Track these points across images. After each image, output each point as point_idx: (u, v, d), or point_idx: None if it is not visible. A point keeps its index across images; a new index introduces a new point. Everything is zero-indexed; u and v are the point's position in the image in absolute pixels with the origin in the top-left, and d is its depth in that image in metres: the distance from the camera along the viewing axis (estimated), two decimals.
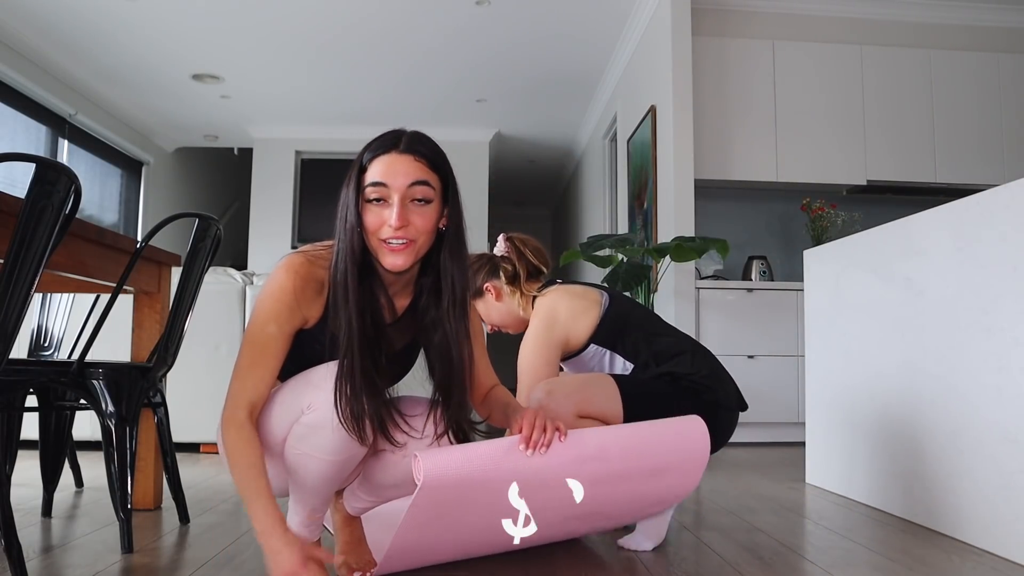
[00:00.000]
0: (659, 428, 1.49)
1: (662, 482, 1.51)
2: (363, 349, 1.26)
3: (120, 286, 1.73)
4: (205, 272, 1.99)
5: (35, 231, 1.30)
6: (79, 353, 1.73)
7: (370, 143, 1.31)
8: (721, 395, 1.86)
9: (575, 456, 1.37)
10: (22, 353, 2.85)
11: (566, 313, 1.88)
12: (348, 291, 1.27)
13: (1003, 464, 1.73)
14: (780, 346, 3.99)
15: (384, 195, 1.25)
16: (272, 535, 1.19)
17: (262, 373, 1.28)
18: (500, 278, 1.99)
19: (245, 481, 1.22)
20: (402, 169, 1.26)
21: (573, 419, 1.73)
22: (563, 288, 1.94)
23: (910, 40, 4.56)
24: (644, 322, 1.92)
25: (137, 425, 1.79)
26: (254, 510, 1.21)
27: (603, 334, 1.88)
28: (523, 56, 5.27)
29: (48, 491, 2.06)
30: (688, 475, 1.52)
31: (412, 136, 1.30)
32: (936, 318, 2.00)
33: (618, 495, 1.47)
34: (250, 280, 3.51)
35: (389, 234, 1.25)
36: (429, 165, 1.28)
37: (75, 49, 5.19)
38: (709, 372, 1.86)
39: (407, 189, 1.25)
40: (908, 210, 2.24)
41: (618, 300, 1.94)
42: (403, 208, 1.25)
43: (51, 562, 1.57)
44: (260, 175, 6.95)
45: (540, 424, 1.35)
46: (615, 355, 1.90)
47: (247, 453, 1.23)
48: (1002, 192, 1.76)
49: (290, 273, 1.29)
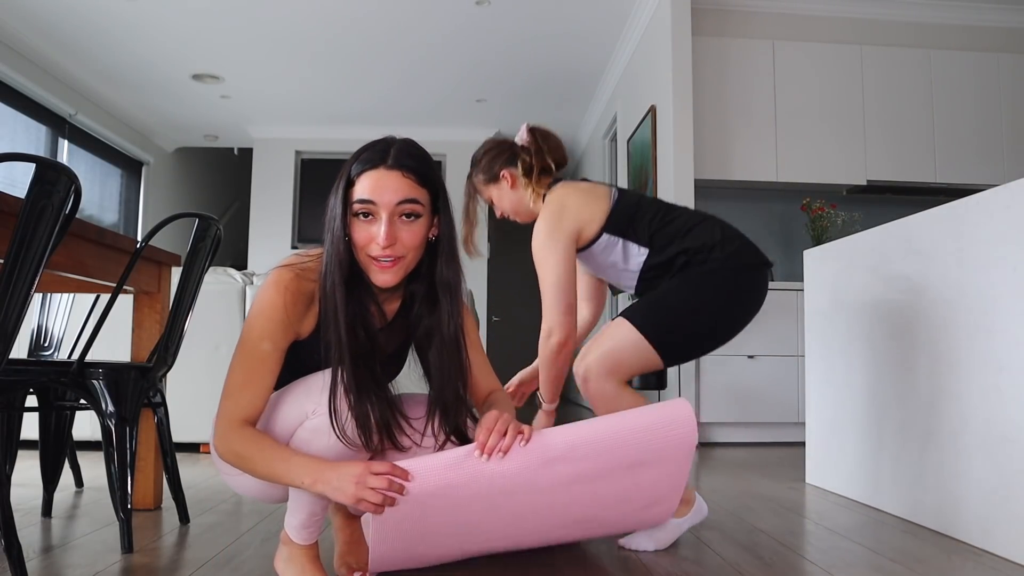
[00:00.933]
0: (634, 420, 1.41)
1: (646, 476, 1.44)
2: (356, 360, 1.27)
3: (120, 286, 1.73)
4: (205, 272, 1.99)
5: (35, 231, 1.30)
6: (79, 353, 1.73)
7: (359, 153, 1.29)
8: (743, 256, 1.81)
9: (540, 459, 1.32)
10: (22, 353, 2.85)
11: (576, 204, 1.84)
12: (337, 304, 1.27)
13: (1003, 464, 1.73)
14: (780, 346, 3.99)
15: (372, 211, 1.25)
16: (324, 467, 1.19)
17: (257, 391, 1.26)
18: (517, 167, 1.95)
19: (270, 458, 1.21)
20: (390, 186, 1.25)
21: (618, 392, 1.73)
22: (571, 183, 1.92)
23: (910, 40, 4.56)
24: (654, 206, 1.89)
25: (137, 425, 1.79)
26: (294, 467, 1.20)
27: (615, 222, 1.84)
28: (523, 56, 5.27)
29: (48, 491, 2.06)
30: (675, 465, 1.44)
31: (400, 148, 1.28)
32: (936, 318, 2.00)
33: (601, 495, 1.42)
34: (250, 280, 3.51)
35: (378, 252, 1.26)
36: (417, 180, 1.27)
37: (75, 49, 5.19)
38: (723, 237, 1.82)
39: (395, 207, 1.25)
40: (908, 210, 2.24)
41: (627, 192, 1.92)
42: (391, 226, 1.25)
43: (51, 562, 1.57)
44: (260, 175, 6.95)
45: (500, 429, 1.30)
46: (628, 243, 1.85)
47: (258, 441, 1.23)
48: (1002, 192, 1.76)
49: (279, 289, 1.28)
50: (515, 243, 10.20)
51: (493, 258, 7.67)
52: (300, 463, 1.20)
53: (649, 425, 1.40)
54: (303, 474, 1.19)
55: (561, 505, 1.40)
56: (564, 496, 1.38)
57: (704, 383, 3.95)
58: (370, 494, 1.17)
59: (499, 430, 1.30)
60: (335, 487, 1.17)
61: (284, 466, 1.21)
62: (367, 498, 1.17)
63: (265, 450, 1.22)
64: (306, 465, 1.20)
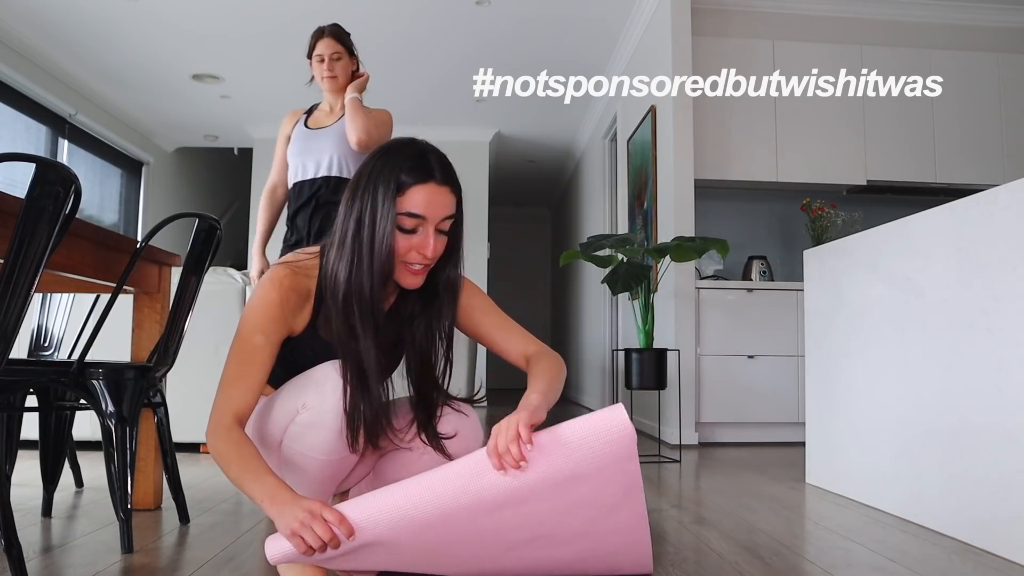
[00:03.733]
0: (558, 434, 1.21)
1: (580, 493, 1.23)
2: (380, 367, 1.30)
3: (120, 286, 1.73)
4: (205, 272, 1.99)
5: (35, 231, 1.30)
6: (79, 353, 1.73)
7: (402, 163, 1.27)
8: None
9: (480, 511, 1.19)
10: (22, 353, 2.85)
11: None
12: (373, 308, 1.29)
13: (1003, 464, 1.73)
14: (780, 346, 3.99)
15: (420, 225, 1.27)
16: (285, 496, 1.15)
17: (249, 384, 1.27)
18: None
19: (243, 468, 1.19)
20: (442, 202, 1.27)
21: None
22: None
23: (910, 40, 4.56)
24: None
25: (137, 425, 1.79)
26: (260, 485, 1.16)
27: None
28: (523, 56, 5.27)
29: (48, 491, 2.06)
30: (620, 474, 1.22)
31: (443, 161, 1.30)
32: (936, 318, 2.00)
33: (537, 518, 1.24)
34: (250, 280, 3.51)
35: (415, 259, 1.29)
36: (457, 197, 1.31)
37: (75, 49, 5.19)
38: None
39: (440, 222, 1.29)
40: (908, 210, 2.24)
41: None
42: (435, 238, 1.28)
43: (51, 562, 1.57)
44: (260, 175, 6.95)
45: (502, 448, 1.17)
46: None
47: (240, 448, 1.21)
48: (1002, 192, 1.76)
49: (275, 285, 1.30)
50: (515, 243, 10.21)
51: (493, 258, 7.67)
52: (266, 483, 1.17)
53: (585, 434, 1.21)
54: (263, 494, 1.16)
55: (500, 531, 1.24)
56: (502, 521, 1.24)
57: (704, 383, 3.95)
58: (308, 535, 1.12)
59: (502, 449, 1.17)
60: (282, 515, 1.13)
61: (252, 480, 1.18)
62: (304, 537, 1.12)
63: (244, 458, 1.20)
64: (270, 487, 1.16)
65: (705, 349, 3.97)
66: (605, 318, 5.98)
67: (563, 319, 8.77)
